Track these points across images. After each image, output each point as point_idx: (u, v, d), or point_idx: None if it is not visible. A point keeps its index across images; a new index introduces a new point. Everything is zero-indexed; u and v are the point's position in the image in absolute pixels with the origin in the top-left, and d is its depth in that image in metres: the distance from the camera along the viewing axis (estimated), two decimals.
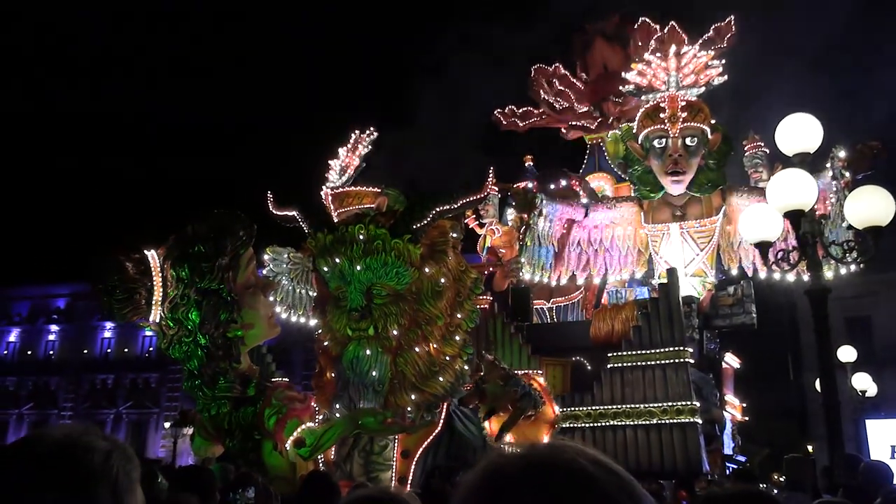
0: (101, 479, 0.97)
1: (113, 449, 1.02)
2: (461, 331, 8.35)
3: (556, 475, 0.85)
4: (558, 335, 13.67)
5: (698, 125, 13.11)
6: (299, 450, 7.45)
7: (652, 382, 10.59)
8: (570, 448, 0.90)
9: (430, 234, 8.28)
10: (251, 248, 8.04)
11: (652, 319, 11.00)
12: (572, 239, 13.86)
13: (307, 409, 7.95)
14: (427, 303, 8.05)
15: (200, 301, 7.78)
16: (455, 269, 8.38)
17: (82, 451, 0.98)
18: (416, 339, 8.00)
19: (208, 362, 7.80)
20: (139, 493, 1.04)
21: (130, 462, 1.04)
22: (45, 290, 40.28)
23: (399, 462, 8.13)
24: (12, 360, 40.26)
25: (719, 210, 13.37)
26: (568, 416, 10.88)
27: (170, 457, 27.94)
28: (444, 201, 8.20)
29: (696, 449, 10.15)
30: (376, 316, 7.91)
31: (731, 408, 14.32)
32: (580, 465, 0.86)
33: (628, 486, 0.88)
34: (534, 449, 0.90)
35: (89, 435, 1.03)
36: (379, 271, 7.95)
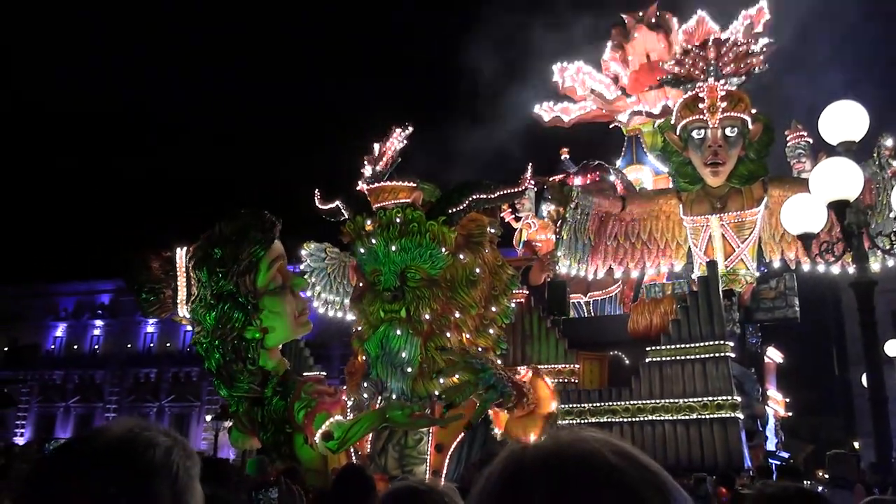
0: (160, 474, 0.98)
1: (174, 445, 1.03)
2: (496, 325, 8.35)
3: (576, 466, 0.82)
4: (595, 329, 13.56)
5: (738, 115, 12.87)
6: (327, 443, 7.54)
7: (692, 377, 10.44)
8: (596, 439, 0.86)
9: (467, 225, 8.34)
10: (276, 248, 8.05)
11: (691, 313, 10.84)
12: (609, 232, 13.72)
13: (337, 403, 7.99)
14: (461, 291, 8.09)
15: (215, 304, 7.88)
16: (492, 263, 8.39)
17: (143, 446, 1.00)
18: (448, 326, 8.05)
19: (224, 363, 7.92)
20: (198, 489, 1.05)
21: (190, 458, 1.05)
22: (91, 286, 41.19)
23: (433, 456, 8.15)
24: (59, 354, 41.30)
25: (760, 201, 13.11)
26: (606, 411, 10.80)
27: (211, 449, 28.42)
28: (481, 190, 8.28)
29: (737, 444, 9.99)
30: (409, 298, 7.99)
31: (773, 403, 14.06)
32: (603, 456, 0.83)
33: (657, 480, 0.83)
34: (557, 439, 0.86)
35: (150, 430, 1.04)
36: (413, 252, 8.04)
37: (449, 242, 8.10)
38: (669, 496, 0.83)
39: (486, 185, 8.35)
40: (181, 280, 8.02)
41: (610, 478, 0.81)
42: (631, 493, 0.81)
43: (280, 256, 8.08)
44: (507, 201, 8.95)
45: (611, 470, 0.81)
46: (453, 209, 8.14)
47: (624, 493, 0.80)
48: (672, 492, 0.84)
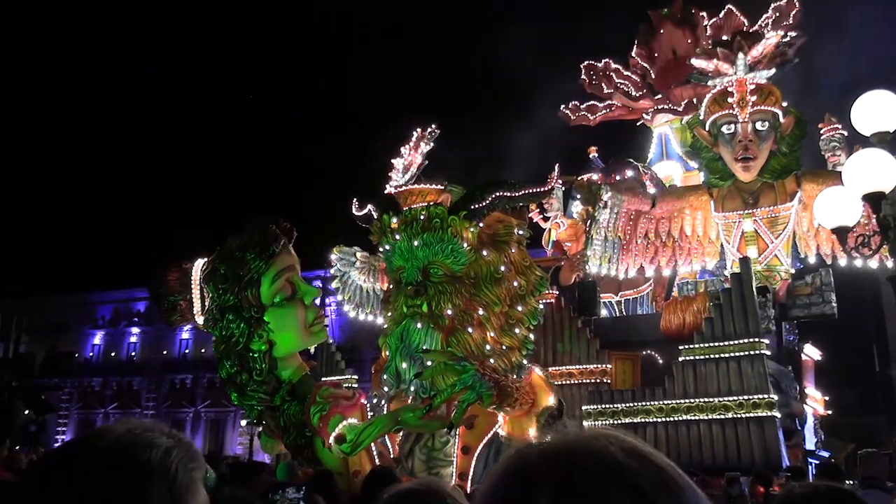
0: (158, 476, 0.96)
1: (174, 446, 1.01)
2: (523, 325, 8.34)
3: (583, 464, 0.79)
4: (627, 329, 13.43)
5: (769, 108, 12.66)
6: (340, 445, 7.56)
7: (726, 375, 10.29)
8: (605, 436, 0.83)
9: (493, 224, 8.41)
10: (282, 260, 8.06)
11: (725, 311, 10.69)
12: (639, 230, 13.58)
13: (354, 407, 7.99)
14: (485, 287, 8.15)
15: (220, 318, 8.00)
16: (519, 263, 8.42)
17: (141, 447, 0.98)
18: (471, 322, 8.08)
19: (232, 374, 8.03)
20: (201, 492, 1.02)
21: (193, 461, 1.02)
22: (127, 294, 41.84)
23: (459, 458, 8.16)
24: (97, 361, 42.03)
25: (794, 196, 12.88)
26: (639, 411, 10.68)
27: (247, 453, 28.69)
28: (505, 188, 8.37)
29: (775, 444, 9.82)
30: (431, 293, 8.08)
31: (812, 401, 13.80)
32: (610, 454, 0.80)
33: (667, 478, 0.80)
34: (564, 437, 0.84)
35: (152, 431, 1.02)
36: (435, 247, 8.15)
37: (470, 238, 8.19)
38: (681, 495, 0.80)
39: (510, 184, 8.45)
40: (195, 292, 8.16)
41: (617, 476, 0.78)
42: (639, 491, 0.77)
43: (288, 268, 8.07)
44: (532, 200, 9.00)
45: (618, 468, 0.78)
46: (475, 205, 8.25)
47: (631, 491, 0.77)
48: (685, 490, 0.80)
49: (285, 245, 8.14)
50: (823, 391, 14.96)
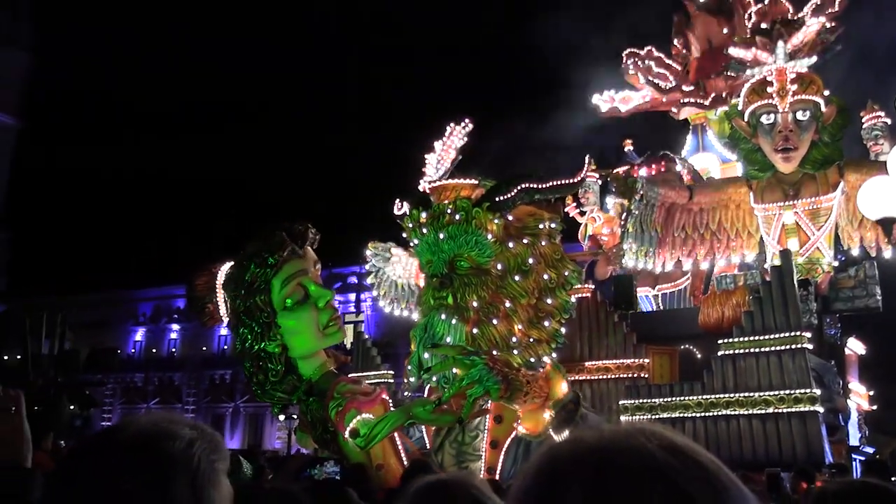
0: (179, 467, 0.95)
1: (197, 438, 1.00)
2: (553, 318, 8.30)
3: (616, 462, 0.75)
4: (665, 323, 13.26)
5: (810, 98, 12.38)
6: (354, 440, 7.71)
7: (767, 370, 10.10)
8: (644, 432, 0.79)
9: (523, 217, 8.40)
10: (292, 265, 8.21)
11: (765, 304, 10.49)
12: (676, 223, 13.39)
13: (371, 402, 8.11)
14: (512, 280, 8.16)
15: (236, 322, 8.29)
16: (550, 256, 8.39)
17: (164, 438, 0.98)
18: (496, 314, 8.09)
19: (250, 374, 8.33)
20: (225, 484, 1.01)
21: (216, 452, 1.01)
22: (167, 291, 42.53)
23: (488, 452, 8.17)
24: (139, 357, 42.83)
25: (836, 187, 12.58)
26: (677, 406, 10.54)
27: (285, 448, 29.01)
28: (532, 180, 8.38)
29: (817, 439, 9.62)
30: (456, 285, 8.13)
31: (856, 396, 13.49)
32: (648, 451, 0.76)
33: (709, 476, 0.76)
34: (600, 433, 0.80)
35: (175, 423, 1.01)
36: (459, 240, 8.19)
37: (496, 230, 8.19)
38: (724, 493, 0.75)
39: (536, 176, 8.45)
40: (219, 296, 8.45)
41: (654, 474, 0.74)
42: (678, 490, 0.73)
43: (298, 273, 8.18)
44: (561, 193, 8.94)
45: (655, 465, 0.75)
46: (500, 197, 8.25)
47: (670, 490, 0.73)
48: (728, 488, 0.76)
49: (293, 251, 8.25)
50: (868, 386, 14.62)
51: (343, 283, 37.21)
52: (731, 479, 0.78)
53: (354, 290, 36.47)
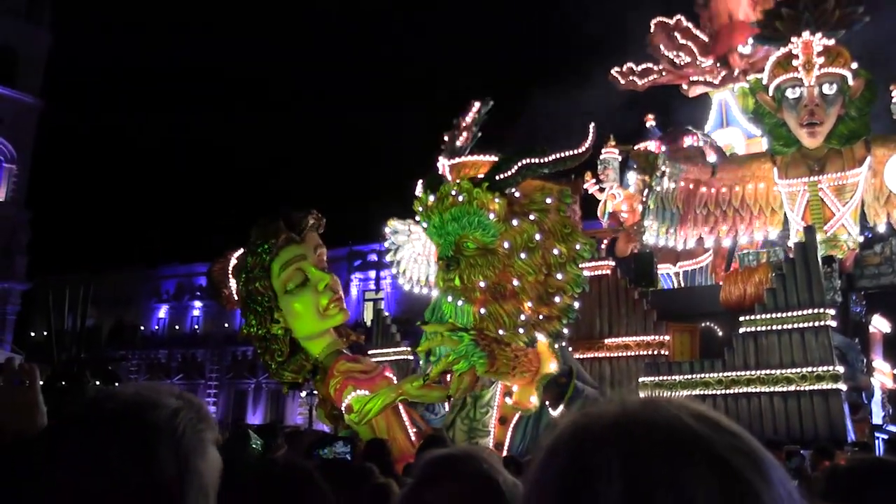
0: (163, 436, 0.94)
1: (182, 408, 0.98)
2: (564, 294, 8.26)
3: (653, 434, 0.71)
4: (686, 300, 13.16)
5: (837, 71, 12.13)
6: (349, 416, 7.99)
7: (789, 347, 10.01)
8: (670, 403, 0.75)
9: (529, 192, 8.34)
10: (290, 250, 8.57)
11: (788, 281, 10.37)
12: (698, 200, 13.25)
13: (371, 380, 8.32)
14: (518, 258, 8.11)
15: (243, 307, 8.75)
16: (559, 230, 8.33)
17: (148, 408, 0.96)
18: (504, 294, 8.08)
19: (259, 355, 8.87)
20: (212, 454, 0.99)
21: (203, 421, 0.99)
22: (190, 268, 42.88)
23: (497, 428, 8.23)
24: (163, 334, 43.32)
25: (863, 162, 12.36)
26: (698, 384, 10.49)
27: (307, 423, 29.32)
28: (533, 155, 8.36)
29: (839, 417, 9.54)
30: (463, 266, 8.19)
31: (880, 374, 13.34)
32: (683, 422, 0.72)
33: (747, 446, 0.73)
34: (625, 405, 0.76)
35: (160, 393, 1.00)
36: (462, 221, 8.24)
37: (498, 209, 8.15)
38: (763, 464, 0.72)
39: (538, 151, 8.40)
40: (231, 281, 8.90)
41: (695, 447, 0.70)
42: (721, 462, 0.70)
43: (296, 258, 8.53)
44: (565, 166, 8.84)
45: (695, 438, 0.71)
46: (501, 176, 8.25)
47: (714, 463, 0.70)
48: (765, 459, 0.72)
49: (290, 238, 8.58)
50: (893, 364, 14.46)
51: (363, 260, 37.27)
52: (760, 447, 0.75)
53: (374, 268, 36.54)
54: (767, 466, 0.73)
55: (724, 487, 0.69)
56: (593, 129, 8.87)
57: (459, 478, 1.37)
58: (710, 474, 0.70)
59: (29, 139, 35.36)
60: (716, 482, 0.69)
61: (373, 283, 37.52)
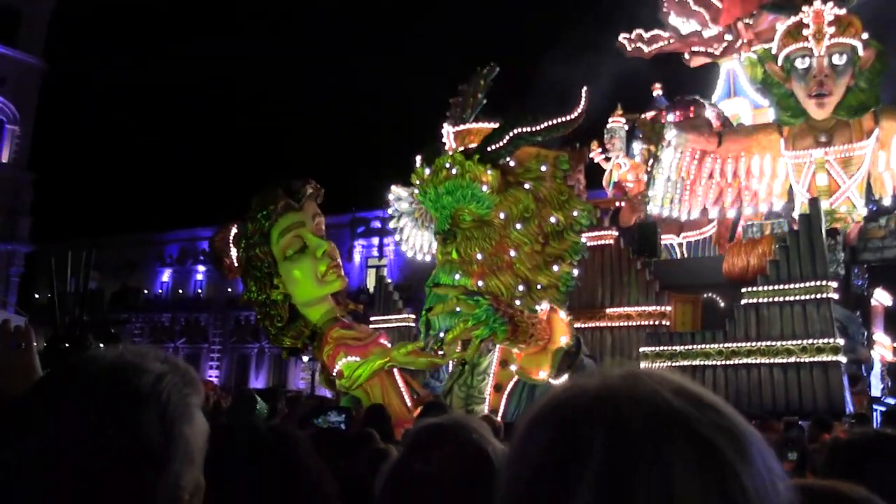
0: (148, 401, 0.92)
1: (167, 372, 0.96)
2: (563, 261, 8.24)
3: (633, 410, 0.70)
4: (688, 271, 13.15)
5: (847, 41, 11.97)
6: (340, 381, 8.17)
7: (790, 319, 10.02)
8: (650, 376, 0.74)
9: (525, 160, 8.31)
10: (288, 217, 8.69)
11: (791, 253, 10.35)
12: (704, 170, 13.17)
13: (364, 346, 8.45)
14: (514, 228, 8.09)
15: (243, 273, 8.90)
16: (555, 198, 8.28)
17: (131, 372, 0.94)
18: (501, 265, 8.06)
19: (259, 320, 9.09)
20: (199, 419, 0.97)
21: (189, 386, 0.97)
22: (193, 233, 42.93)
23: (492, 395, 8.28)
24: (166, 298, 43.51)
25: (871, 134, 12.25)
26: (698, 354, 10.53)
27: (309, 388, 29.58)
28: (523, 124, 8.29)
29: (838, 389, 9.59)
30: (459, 240, 8.22)
31: (880, 347, 13.37)
32: (663, 397, 0.71)
33: (728, 422, 0.72)
34: (604, 379, 0.75)
35: (144, 357, 0.97)
36: (457, 194, 8.24)
37: (490, 180, 8.11)
38: (743, 440, 0.71)
39: (528, 119, 8.33)
40: (232, 250, 9.06)
41: (675, 422, 0.69)
42: (700, 438, 0.69)
43: (295, 224, 8.66)
44: (558, 133, 8.75)
45: (674, 413, 0.70)
46: (492, 147, 8.21)
47: (693, 439, 0.69)
48: (746, 435, 0.71)
49: (289, 205, 8.70)
50: (893, 337, 14.49)
51: (366, 227, 37.24)
52: (745, 422, 0.74)
53: (377, 235, 36.50)
54: (748, 443, 0.72)
55: (702, 463, 0.68)
56: (585, 93, 8.77)
57: (449, 447, 1.36)
58: (689, 450, 0.69)
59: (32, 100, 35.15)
60: (694, 458, 0.68)
61: (376, 249, 37.53)
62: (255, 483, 1.35)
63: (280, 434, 1.43)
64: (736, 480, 0.69)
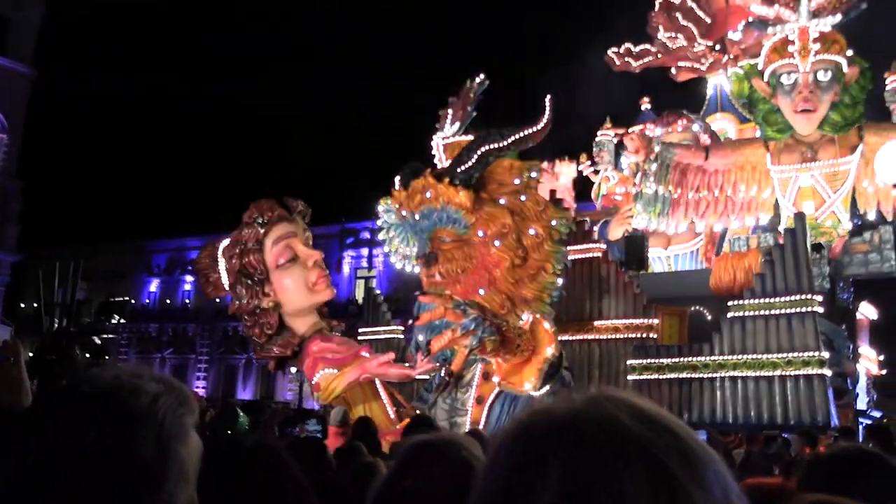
0: (144, 421, 0.94)
1: (163, 392, 0.98)
2: (546, 272, 8.25)
3: (593, 434, 0.74)
4: (675, 284, 13.23)
5: (832, 58, 12.13)
6: (317, 393, 8.35)
7: (776, 332, 10.09)
8: (613, 400, 0.78)
9: (499, 174, 8.35)
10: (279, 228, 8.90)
11: (777, 266, 10.43)
12: (691, 184, 13.28)
13: (342, 359, 8.53)
14: (493, 245, 8.13)
15: (234, 282, 8.95)
16: (531, 210, 8.28)
17: (128, 393, 0.96)
18: (484, 283, 8.08)
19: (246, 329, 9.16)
20: (193, 438, 0.99)
21: (183, 406, 1.00)
22: (181, 242, 42.76)
23: (474, 407, 8.26)
24: (154, 308, 43.22)
25: (855, 149, 12.40)
26: (685, 367, 10.58)
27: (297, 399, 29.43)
28: (490, 141, 8.28)
29: (823, 402, 9.65)
30: (440, 261, 8.21)
31: (866, 360, 13.48)
32: (621, 423, 0.74)
33: (682, 445, 0.75)
34: (569, 403, 0.79)
35: (140, 377, 1.00)
36: (433, 217, 8.25)
37: (463, 201, 8.11)
38: (698, 464, 0.74)
39: (494, 136, 8.34)
40: (221, 264, 9.17)
41: (631, 447, 0.73)
42: (657, 464, 0.72)
43: (286, 234, 8.91)
44: (526, 144, 8.76)
45: (632, 439, 0.74)
46: (462, 168, 8.20)
47: (649, 464, 0.72)
48: (701, 459, 0.75)
49: (282, 216, 8.94)
50: (879, 350, 14.61)
51: (355, 238, 37.20)
52: (702, 445, 0.78)
53: (366, 246, 36.48)
54: (702, 464, 0.75)
55: (654, 485, 0.71)
56: (549, 102, 8.79)
57: (439, 464, 1.39)
58: (642, 472, 0.72)
59: (21, 108, 34.99)
60: (646, 479, 0.71)
61: (365, 260, 37.49)
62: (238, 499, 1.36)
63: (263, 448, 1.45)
64: (686, 500, 0.72)
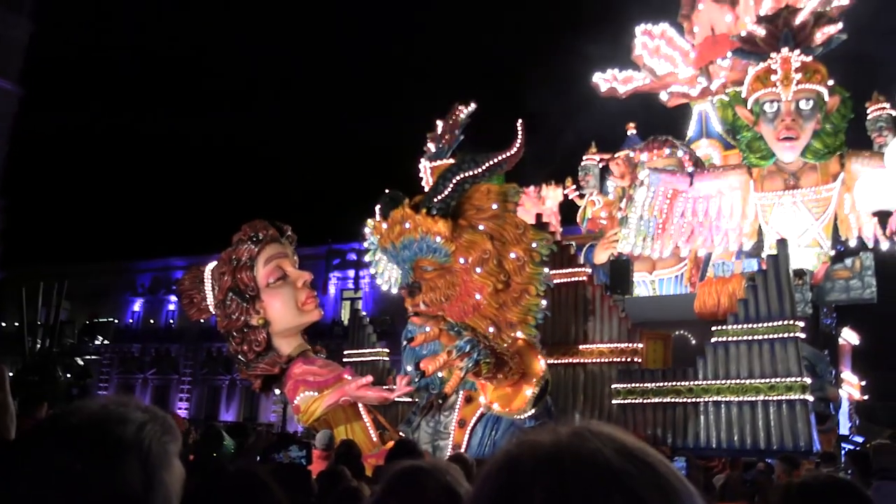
0: (131, 450, 0.96)
1: (148, 421, 1.00)
2: (529, 294, 8.28)
3: (576, 468, 0.77)
4: (660, 308, 13.31)
5: (814, 87, 12.33)
6: (298, 416, 8.37)
7: (759, 358, 10.15)
8: (597, 435, 0.81)
9: (477, 199, 8.40)
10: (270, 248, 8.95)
11: (760, 292, 10.52)
12: (676, 209, 13.40)
13: (323, 382, 8.54)
14: (475, 271, 8.18)
15: (223, 298, 8.96)
16: (511, 233, 8.34)
17: (114, 422, 0.98)
18: (468, 310, 8.11)
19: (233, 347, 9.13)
20: (176, 465, 1.01)
21: (167, 434, 1.02)
22: (165, 262, 42.51)
23: (456, 431, 8.26)
24: (137, 328, 42.84)
25: (837, 177, 12.57)
26: (669, 391, 10.61)
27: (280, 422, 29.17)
28: (464, 169, 8.38)
29: (806, 428, 9.69)
30: (424, 290, 8.29)
31: (848, 386, 13.59)
32: (604, 458, 0.78)
33: (660, 481, 0.78)
34: (554, 437, 0.82)
35: (126, 406, 1.01)
36: (413, 248, 8.34)
37: (441, 230, 8.18)
38: (678, 499, 0.78)
39: (468, 163, 8.45)
40: (207, 286, 9.26)
41: (612, 483, 0.76)
42: (636, 499, 0.76)
43: (277, 255, 8.97)
44: (501, 170, 8.87)
45: (613, 473, 0.77)
46: (437, 197, 8.26)
47: (629, 499, 0.76)
48: (680, 493, 0.79)
49: (274, 236, 9.01)
50: (861, 376, 14.73)
51: (342, 259, 37.15)
52: (682, 481, 0.81)
53: (353, 267, 36.44)
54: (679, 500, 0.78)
55: None
56: (521, 126, 8.95)
57: (422, 491, 1.41)
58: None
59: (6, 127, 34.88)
60: None
61: (351, 282, 37.40)
62: None
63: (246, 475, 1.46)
64: None
